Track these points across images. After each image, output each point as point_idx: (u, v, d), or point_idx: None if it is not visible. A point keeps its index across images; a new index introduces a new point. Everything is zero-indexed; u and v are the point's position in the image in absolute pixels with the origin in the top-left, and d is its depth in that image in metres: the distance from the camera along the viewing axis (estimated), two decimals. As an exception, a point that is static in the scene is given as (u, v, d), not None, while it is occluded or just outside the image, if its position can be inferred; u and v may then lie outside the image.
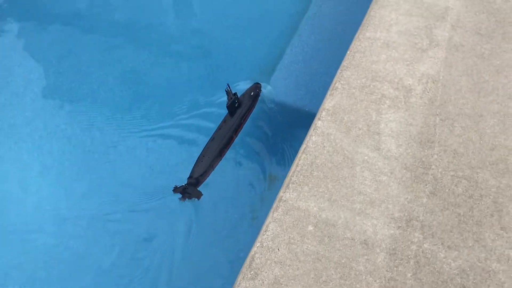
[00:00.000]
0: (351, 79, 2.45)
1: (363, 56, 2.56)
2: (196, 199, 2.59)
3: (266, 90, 3.30)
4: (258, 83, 3.16)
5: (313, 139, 2.20)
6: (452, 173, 2.02)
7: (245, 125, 3.00)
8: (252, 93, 2.99)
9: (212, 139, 2.78)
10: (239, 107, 2.89)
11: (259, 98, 3.04)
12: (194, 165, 2.72)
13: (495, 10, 2.78)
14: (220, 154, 2.72)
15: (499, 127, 2.18)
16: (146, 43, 4.07)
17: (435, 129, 2.19)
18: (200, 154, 2.76)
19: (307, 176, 2.06)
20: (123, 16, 4.40)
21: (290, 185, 2.03)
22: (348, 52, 2.61)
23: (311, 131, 2.24)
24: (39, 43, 4.15)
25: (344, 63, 2.55)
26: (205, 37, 4.19)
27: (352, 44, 2.65)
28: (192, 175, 2.64)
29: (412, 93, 2.35)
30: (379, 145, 2.14)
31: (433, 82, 2.39)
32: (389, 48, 2.59)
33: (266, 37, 3.92)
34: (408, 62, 2.50)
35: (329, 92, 2.41)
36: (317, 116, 2.31)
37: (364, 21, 2.79)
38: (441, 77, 2.42)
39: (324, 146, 2.16)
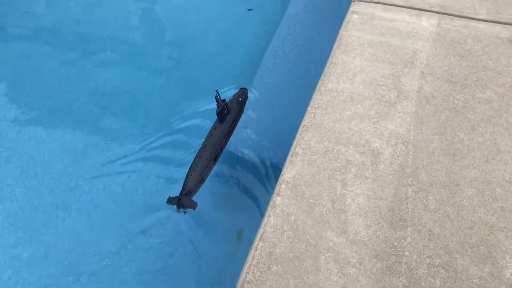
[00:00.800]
0: (313, 142, 2.18)
1: (325, 113, 2.30)
2: (192, 209, 2.48)
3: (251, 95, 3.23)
4: (244, 88, 3.13)
5: (272, 221, 1.93)
6: (428, 261, 1.77)
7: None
8: (239, 99, 2.96)
9: (203, 146, 2.69)
10: (228, 113, 2.83)
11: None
12: (187, 174, 2.60)
13: (466, 52, 2.55)
14: (213, 161, 2.65)
15: (477, 198, 1.94)
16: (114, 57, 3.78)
17: (407, 203, 1.94)
18: (193, 162, 2.65)
19: (265, 271, 1.78)
20: (88, 29, 4.09)
21: (245, 286, 1.75)
22: (308, 109, 2.34)
23: (269, 210, 1.97)
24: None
25: (305, 122, 2.28)
26: (179, 49, 3.96)
27: (313, 99, 2.38)
28: (185, 185, 2.54)
29: (381, 158, 2.10)
30: (346, 227, 1.88)
31: (403, 144, 2.15)
32: (353, 102, 2.33)
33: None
34: (375, 120, 2.25)
35: (288, 159, 2.14)
36: (276, 190, 2.04)
37: (326, 69, 2.54)
38: (411, 137, 2.18)
39: (284, 231, 1.89)
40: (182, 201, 2.51)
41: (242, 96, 3.04)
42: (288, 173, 2.08)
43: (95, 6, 4.44)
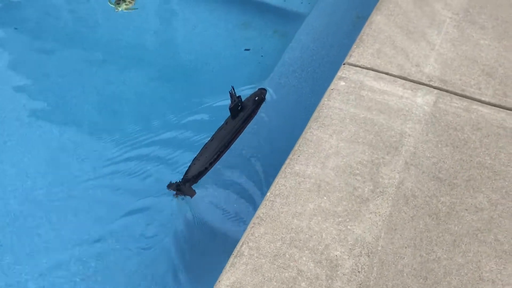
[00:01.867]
0: (264, 240, 1.85)
1: (285, 203, 1.97)
2: (189, 197, 2.56)
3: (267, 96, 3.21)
4: (263, 89, 3.15)
5: None
6: None
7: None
8: (256, 98, 3.01)
9: (211, 139, 2.76)
10: (242, 110, 2.88)
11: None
12: (191, 163, 2.68)
13: (461, 142, 2.20)
14: (218, 155, 2.73)
15: None
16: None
17: None
18: (198, 153, 2.72)
19: None
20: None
21: None
22: (267, 195, 2.02)
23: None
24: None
25: (260, 211, 1.96)
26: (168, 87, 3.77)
27: (275, 182, 2.06)
28: (187, 173, 2.64)
29: (338, 272, 1.75)
30: None
31: (368, 255, 1.80)
32: (320, 193, 2.00)
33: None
34: (340, 219, 1.91)
35: (230, 260, 1.82)
36: (209, 299, 1.71)
37: (297, 146, 2.21)
38: (379, 247, 1.83)
39: None
40: (182, 188, 2.60)
41: (259, 96, 3.08)
42: (226, 279, 1.75)
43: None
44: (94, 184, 3.00)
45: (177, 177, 2.78)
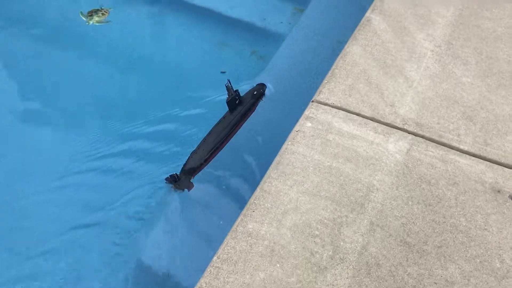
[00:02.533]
0: (203, 317, 1.62)
1: (233, 271, 1.74)
2: (187, 190, 2.59)
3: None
4: (262, 84, 3.13)
5: None
6: None
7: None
8: (255, 93, 3.01)
9: (209, 133, 2.78)
10: (240, 104, 2.89)
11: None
12: (189, 156, 2.71)
13: (435, 199, 1.97)
14: (216, 149, 2.74)
15: None
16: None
17: None
18: (196, 146, 2.74)
19: None
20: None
21: None
22: (213, 259, 1.79)
23: None
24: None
25: (202, 282, 1.72)
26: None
27: (224, 244, 1.83)
28: (185, 166, 2.66)
29: None
30: None
31: None
32: (272, 259, 1.77)
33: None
34: (293, 292, 1.68)
35: None
36: None
37: (252, 199, 1.98)
38: (334, 329, 1.60)
39: None
40: (180, 181, 2.62)
41: (258, 91, 3.07)
42: None
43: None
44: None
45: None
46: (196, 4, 4.20)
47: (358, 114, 2.33)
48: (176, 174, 2.65)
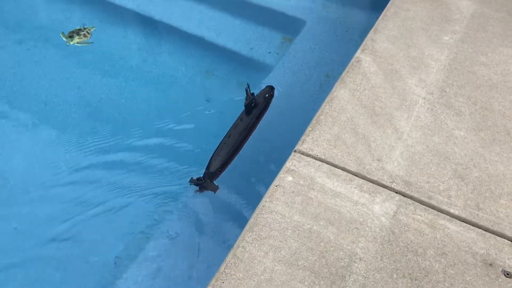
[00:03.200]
0: None
1: None
2: (212, 192, 2.61)
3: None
4: (271, 86, 3.23)
5: None
6: None
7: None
8: (266, 95, 3.13)
9: (228, 135, 2.85)
10: (255, 107, 3.01)
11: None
12: (211, 159, 2.75)
13: (421, 272, 1.81)
14: (237, 150, 2.81)
15: None
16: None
17: None
18: (217, 148, 2.80)
19: None
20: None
21: None
22: None
23: None
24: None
25: None
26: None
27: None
28: (209, 168, 2.69)
29: None
30: None
31: None
32: None
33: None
34: None
35: None
36: None
37: (223, 267, 1.81)
38: None
39: None
40: (205, 183, 2.64)
41: (268, 93, 3.18)
42: None
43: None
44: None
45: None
46: (182, 29, 4.04)
47: (343, 169, 2.17)
48: (201, 177, 2.69)
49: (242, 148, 2.91)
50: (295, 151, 2.26)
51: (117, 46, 4.12)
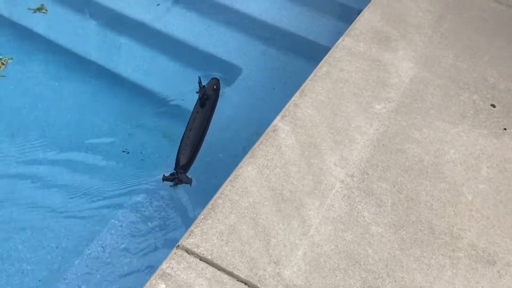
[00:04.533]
0: None
1: None
2: (188, 185, 2.64)
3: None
4: (216, 78, 3.23)
5: None
6: None
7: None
8: (214, 87, 3.14)
9: (190, 129, 2.85)
10: (208, 99, 3.02)
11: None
12: (178, 154, 2.75)
13: None
14: (200, 142, 2.85)
15: None
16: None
17: None
18: (181, 144, 2.79)
19: None
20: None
21: None
22: None
23: None
24: None
25: None
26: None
27: None
28: (179, 162, 2.71)
29: None
30: None
31: None
32: None
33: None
34: None
35: None
36: None
37: None
38: None
39: None
40: (179, 177, 2.62)
41: (216, 85, 3.19)
42: None
43: None
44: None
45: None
46: (108, 68, 3.65)
47: (230, 274, 1.79)
48: (174, 172, 2.66)
49: (204, 140, 2.94)
50: (177, 246, 1.88)
51: (33, 81, 3.70)
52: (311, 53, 3.81)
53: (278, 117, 2.46)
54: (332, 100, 2.59)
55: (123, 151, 3.30)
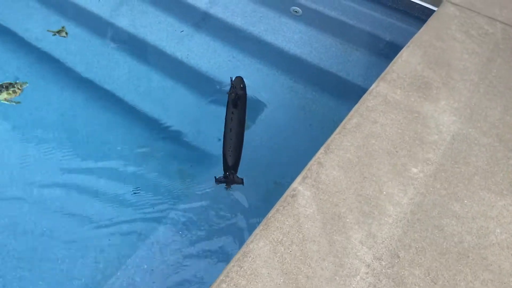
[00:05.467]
0: None
1: None
2: (242, 185, 2.67)
3: None
4: (240, 76, 3.23)
5: None
6: None
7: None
8: (242, 85, 3.17)
9: (229, 130, 2.91)
10: (239, 98, 3.08)
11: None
12: (225, 155, 2.80)
13: None
14: (242, 140, 2.89)
15: None
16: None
17: None
18: (225, 145, 2.85)
19: None
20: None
21: None
22: None
23: None
24: None
25: None
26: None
27: None
28: (228, 163, 2.76)
29: None
30: None
31: None
32: None
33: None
34: None
35: None
36: None
37: None
38: None
39: None
40: (231, 178, 2.68)
41: (242, 83, 3.20)
42: None
43: None
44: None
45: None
46: (124, 99, 3.46)
47: None
48: (225, 174, 2.71)
49: (244, 137, 2.96)
50: None
51: (49, 109, 3.55)
52: (341, 91, 3.51)
53: (299, 178, 2.17)
54: (362, 159, 2.29)
55: (134, 192, 3.12)
